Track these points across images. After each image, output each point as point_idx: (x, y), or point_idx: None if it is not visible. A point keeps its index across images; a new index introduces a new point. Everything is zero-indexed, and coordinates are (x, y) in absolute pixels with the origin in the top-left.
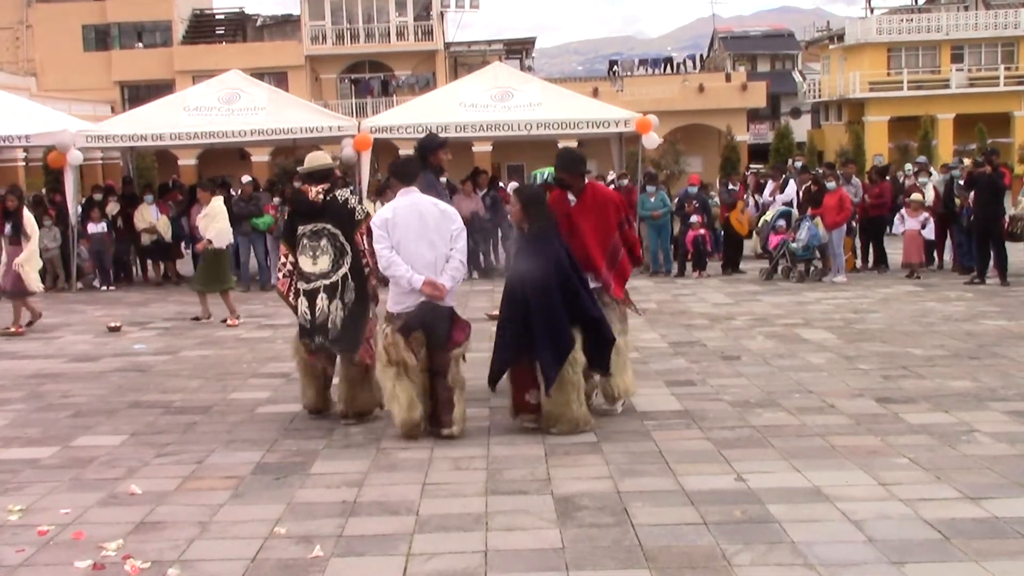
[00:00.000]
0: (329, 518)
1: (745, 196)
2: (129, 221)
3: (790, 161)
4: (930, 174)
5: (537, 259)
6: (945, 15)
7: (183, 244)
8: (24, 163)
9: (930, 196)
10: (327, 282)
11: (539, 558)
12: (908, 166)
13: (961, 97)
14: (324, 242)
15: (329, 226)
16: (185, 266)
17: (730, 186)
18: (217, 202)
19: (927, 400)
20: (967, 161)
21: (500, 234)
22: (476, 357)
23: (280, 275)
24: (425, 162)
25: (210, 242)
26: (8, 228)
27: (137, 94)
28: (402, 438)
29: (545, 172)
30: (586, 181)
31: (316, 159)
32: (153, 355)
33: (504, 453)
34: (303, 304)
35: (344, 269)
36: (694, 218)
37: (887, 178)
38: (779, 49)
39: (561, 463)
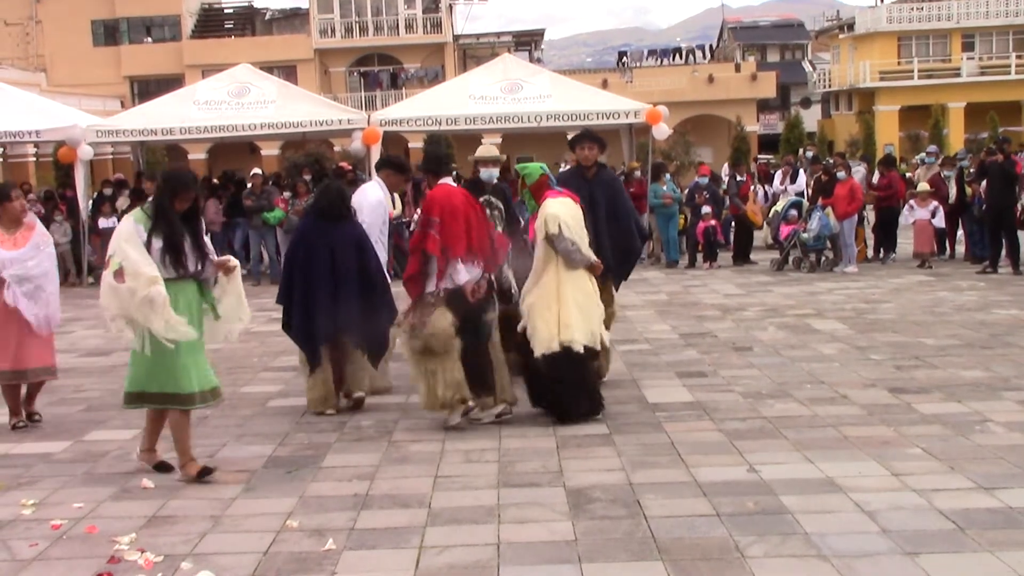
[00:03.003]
0: (341, 511)
1: (753, 187)
2: None
3: (801, 151)
4: (954, 165)
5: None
6: (956, 3)
7: None
8: (35, 158)
9: (953, 190)
10: None
11: (551, 550)
12: (922, 155)
13: (972, 86)
14: None
15: None
16: None
17: (738, 177)
18: None
19: (940, 390)
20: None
21: None
22: None
23: None
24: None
25: None
26: None
27: (147, 89)
28: None
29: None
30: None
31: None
32: None
33: (516, 446)
34: None
35: None
36: (705, 209)
37: (894, 168)
38: (789, 39)
39: (573, 455)
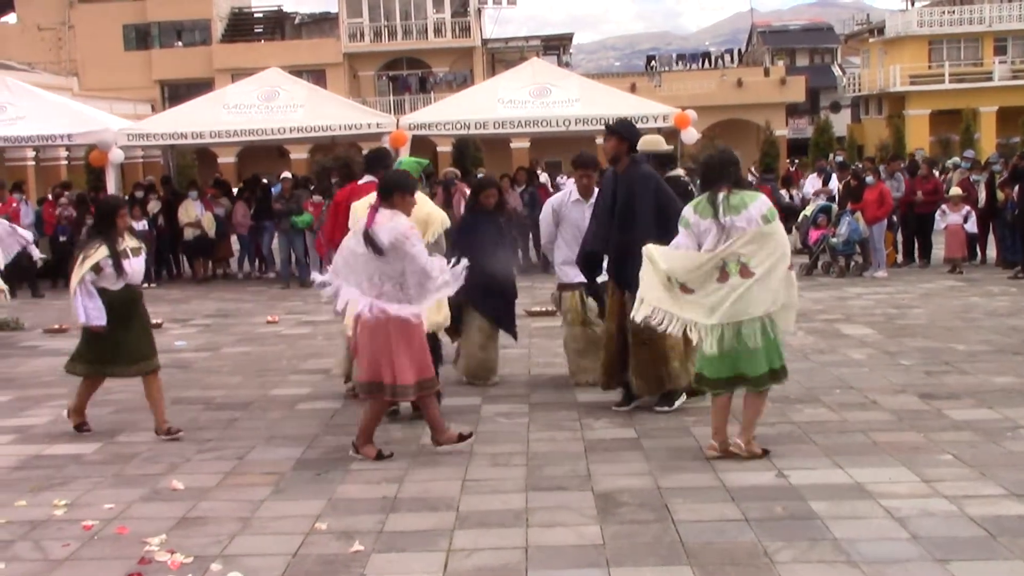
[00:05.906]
0: (369, 514)
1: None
2: (171, 218)
3: (831, 156)
4: (984, 169)
5: None
6: (988, 6)
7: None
8: (67, 162)
9: (983, 195)
10: None
11: (580, 554)
12: (955, 159)
13: (1004, 89)
14: None
15: None
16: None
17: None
18: None
19: (971, 396)
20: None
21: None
22: (511, 353)
23: None
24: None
25: None
26: None
27: (177, 93)
28: None
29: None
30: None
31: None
32: (194, 352)
33: (544, 449)
34: None
35: None
36: None
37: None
38: (818, 43)
39: (601, 459)
